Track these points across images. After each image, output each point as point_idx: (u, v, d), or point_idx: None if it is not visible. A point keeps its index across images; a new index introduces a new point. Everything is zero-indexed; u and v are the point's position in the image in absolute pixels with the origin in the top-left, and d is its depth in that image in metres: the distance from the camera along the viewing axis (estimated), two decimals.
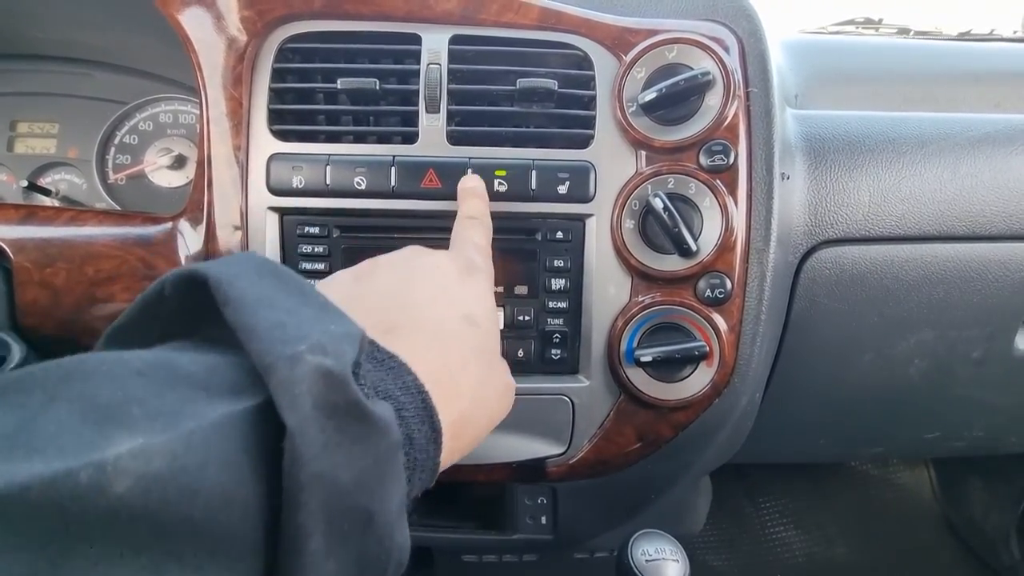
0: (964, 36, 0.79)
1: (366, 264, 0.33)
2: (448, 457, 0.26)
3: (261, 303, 0.21)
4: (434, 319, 0.29)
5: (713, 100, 0.47)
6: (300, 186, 0.46)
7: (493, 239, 0.42)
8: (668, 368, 0.47)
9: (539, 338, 0.49)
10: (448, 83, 0.47)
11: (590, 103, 0.48)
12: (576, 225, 0.48)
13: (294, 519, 0.18)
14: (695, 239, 0.46)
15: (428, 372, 0.25)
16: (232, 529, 0.17)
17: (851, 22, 0.83)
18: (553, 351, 0.49)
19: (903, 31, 0.80)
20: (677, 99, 0.46)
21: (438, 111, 0.47)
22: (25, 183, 0.57)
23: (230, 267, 0.22)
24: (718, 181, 0.47)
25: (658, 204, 0.45)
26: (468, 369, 0.29)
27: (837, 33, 0.82)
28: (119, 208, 0.59)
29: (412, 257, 0.34)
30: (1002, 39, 0.78)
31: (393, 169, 0.46)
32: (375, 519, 0.21)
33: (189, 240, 0.48)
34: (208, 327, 0.22)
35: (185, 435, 0.17)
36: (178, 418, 0.17)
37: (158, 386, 0.18)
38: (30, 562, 0.14)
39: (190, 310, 0.23)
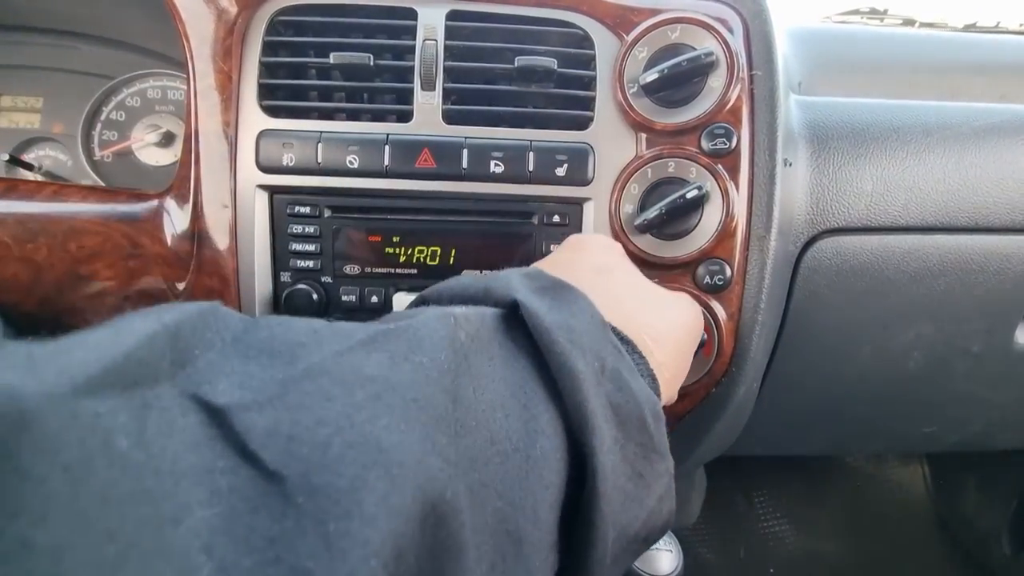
0: (970, 28, 0.78)
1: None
2: (661, 365, 0.30)
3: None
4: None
5: (716, 82, 0.45)
6: (290, 164, 0.45)
7: (487, 222, 0.41)
8: None
9: None
10: (444, 60, 0.46)
11: (590, 83, 0.47)
12: (574, 209, 0.47)
13: (556, 355, 0.23)
14: (695, 224, 0.45)
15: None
16: (522, 374, 0.23)
17: (856, 12, 0.81)
18: None
19: (908, 22, 0.79)
20: (679, 80, 0.45)
21: (434, 89, 0.45)
22: (7, 157, 0.56)
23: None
24: (719, 166, 0.46)
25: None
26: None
27: (842, 23, 0.81)
28: (104, 185, 0.58)
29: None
30: (1008, 31, 0.77)
31: (387, 148, 0.45)
32: (606, 364, 0.25)
33: (176, 218, 0.46)
34: None
35: (480, 313, 0.24)
36: (473, 310, 0.25)
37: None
38: (449, 362, 0.21)
39: None
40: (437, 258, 0.47)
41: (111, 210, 0.46)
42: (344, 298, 0.47)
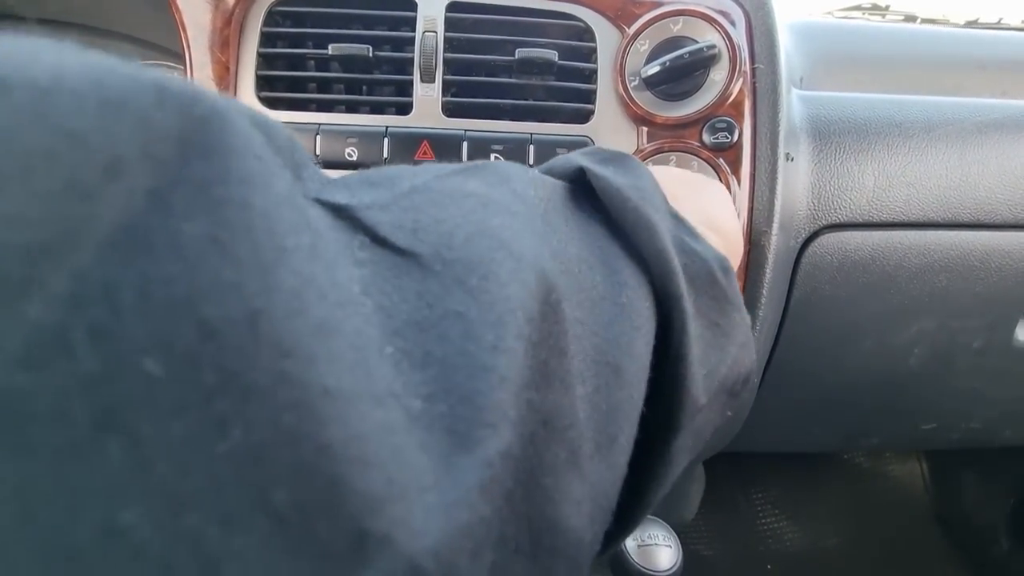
0: (971, 24, 0.78)
1: None
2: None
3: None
4: None
5: (718, 75, 0.45)
6: None
7: None
8: None
9: None
10: (444, 52, 0.45)
11: (591, 76, 0.46)
12: None
13: (631, 210, 0.22)
14: None
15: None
16: (597, 235, 0.22)
17: (858, 7, 0.81)
18: None
19: (910, 18, 0.79)
20: (681, 73, 0.45)
21: (433, 81, 0.45)
22: None
23: None
24: (721, 160, 0.45)
25: None
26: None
27: (844, 18, 0.81)
28: None
29: None
30: (1010, 28, 0.77)
31: (386, 140, 0.44)
32: (669, 228, 0.24)
33: None
34: None
35: (547, 179, 0.23)
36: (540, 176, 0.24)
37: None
38: (537, 199, 0.21)
39: None
40: None
41: None
42: None
